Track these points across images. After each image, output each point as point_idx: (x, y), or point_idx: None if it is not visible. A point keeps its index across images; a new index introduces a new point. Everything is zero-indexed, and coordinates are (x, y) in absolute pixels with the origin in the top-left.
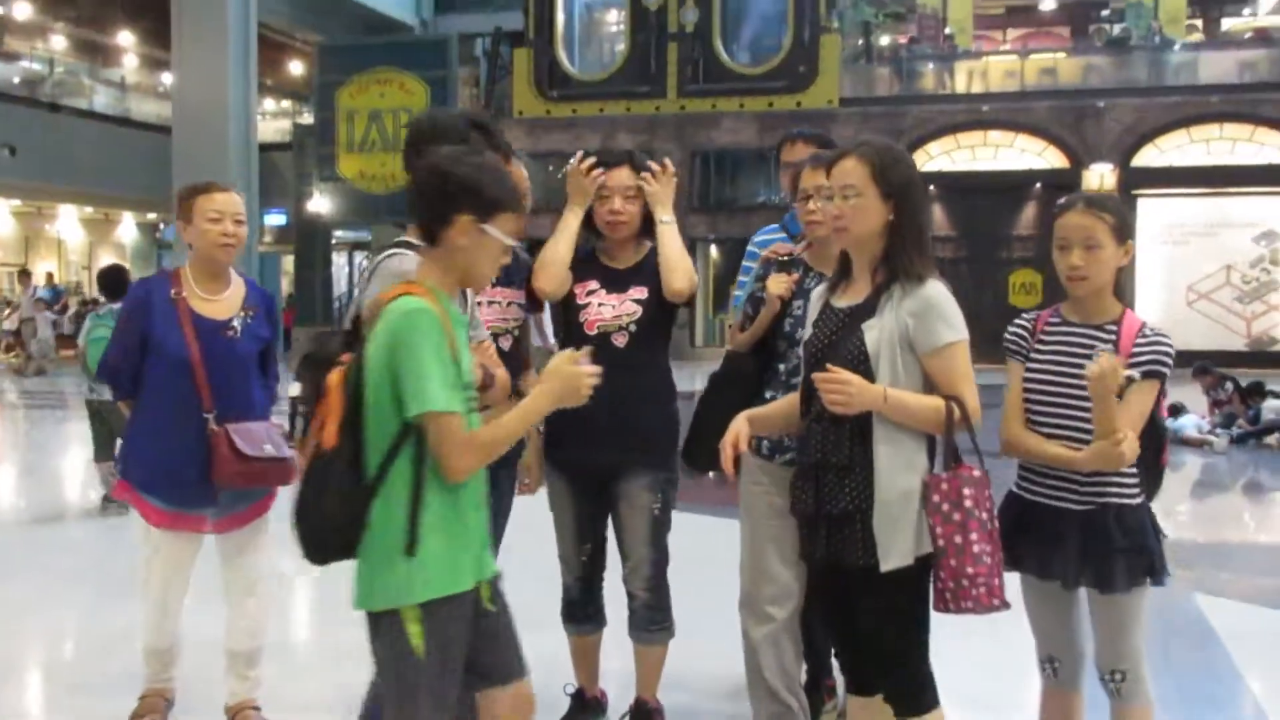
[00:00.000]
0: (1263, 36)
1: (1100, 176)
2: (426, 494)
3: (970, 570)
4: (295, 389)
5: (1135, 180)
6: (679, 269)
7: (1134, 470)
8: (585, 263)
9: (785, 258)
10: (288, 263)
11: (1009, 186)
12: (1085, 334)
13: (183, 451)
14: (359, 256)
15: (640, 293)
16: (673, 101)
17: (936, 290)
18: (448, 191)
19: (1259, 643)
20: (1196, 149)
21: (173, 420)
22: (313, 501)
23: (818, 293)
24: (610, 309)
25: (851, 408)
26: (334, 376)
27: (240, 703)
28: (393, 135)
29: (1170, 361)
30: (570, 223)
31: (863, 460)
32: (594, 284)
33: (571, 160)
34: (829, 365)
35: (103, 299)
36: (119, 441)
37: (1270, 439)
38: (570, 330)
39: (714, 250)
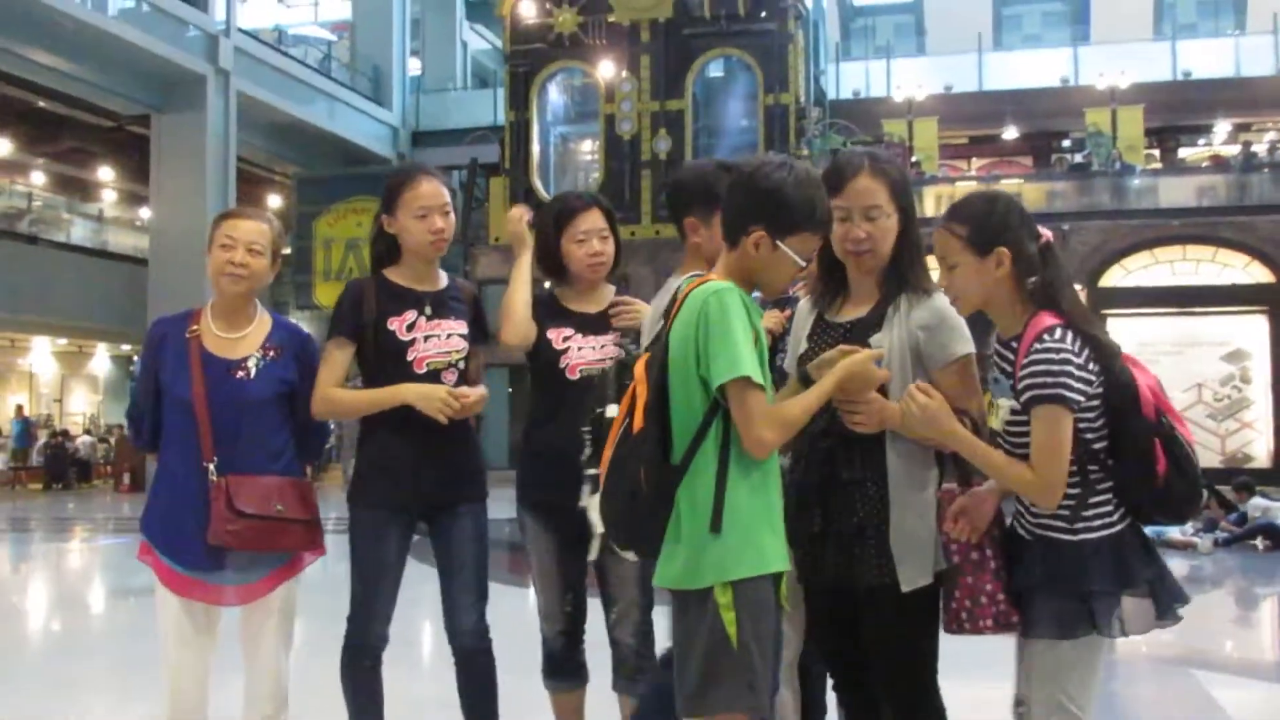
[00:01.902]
0: (1219, 163)
1: None
2: (733, 473)
3: (989, 587)
4: (612, 410)
5: (1104, 300)
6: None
7: (1070, 498)
8: (551, 308)
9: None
10: None
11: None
12: (999, 354)
13: (187, 506)
14: None
15: (620, 337)
16: (647, 227)
17: (945, 302)
18: (749, 204)
19: (1266, 713)
20: (1162, 269)
21: (179, 470)
22: (622, 484)
23: (804, 308)
24: (592, 351)
25: (872, 427)
26: (639, 365)
27: None
28: (370, 263)
29: (1062, 376)
30: (522, 271)
31: (875, 475)
32: (568, 330)
33: (510, 211)
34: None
35: None
36: None
37: (1255, 541)
38: (551, 375)
39: None
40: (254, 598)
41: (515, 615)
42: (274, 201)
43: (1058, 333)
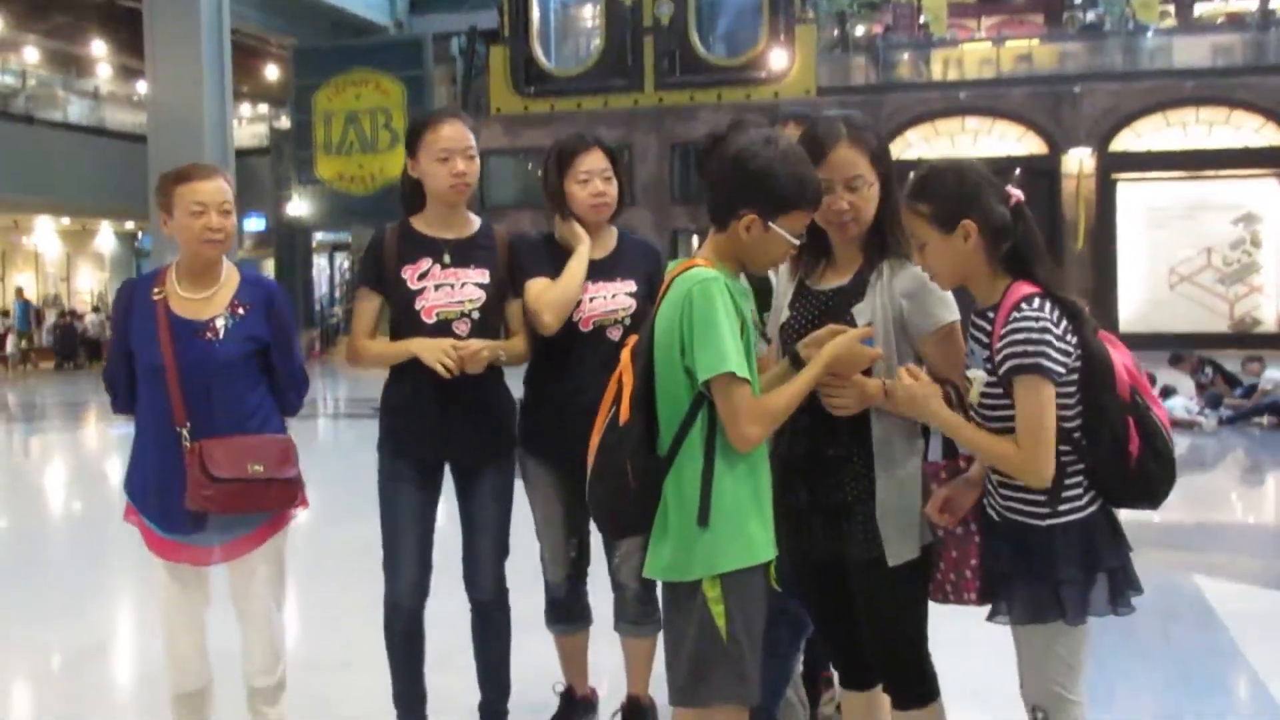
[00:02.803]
0: (1235, 21)
1: (1079, 161)
2: (719, 465)
3: (974, 561)
4: None
5: (1114, 164)
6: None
7: (1044, 496)
8: (554, 255)
9: None
10: (268, 267)
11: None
12: (976, 324)
13: (166, 471)
14: (340, 258)
15: (629, 286)
16: (650, 95)
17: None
18: (738, 185)
19: (1259, 623)
20: (1174, 133)
21: (155, 436)
22: (608, 476)
23: (784, 273)
24: (602, 301)
25: (854, 409)
26: (625, 353)
27: None
28: (370, 136)
29: (1043, 345)
30: (582, 262)
31: (860, 450)
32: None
33: (560, 230)
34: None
35: None
36: None
37: (1260, 419)
38: (563, 326)
39: (695, 240)
40: (239, 554)
41: (518, 557)
42: (272, 74)
43: (1036, 301)
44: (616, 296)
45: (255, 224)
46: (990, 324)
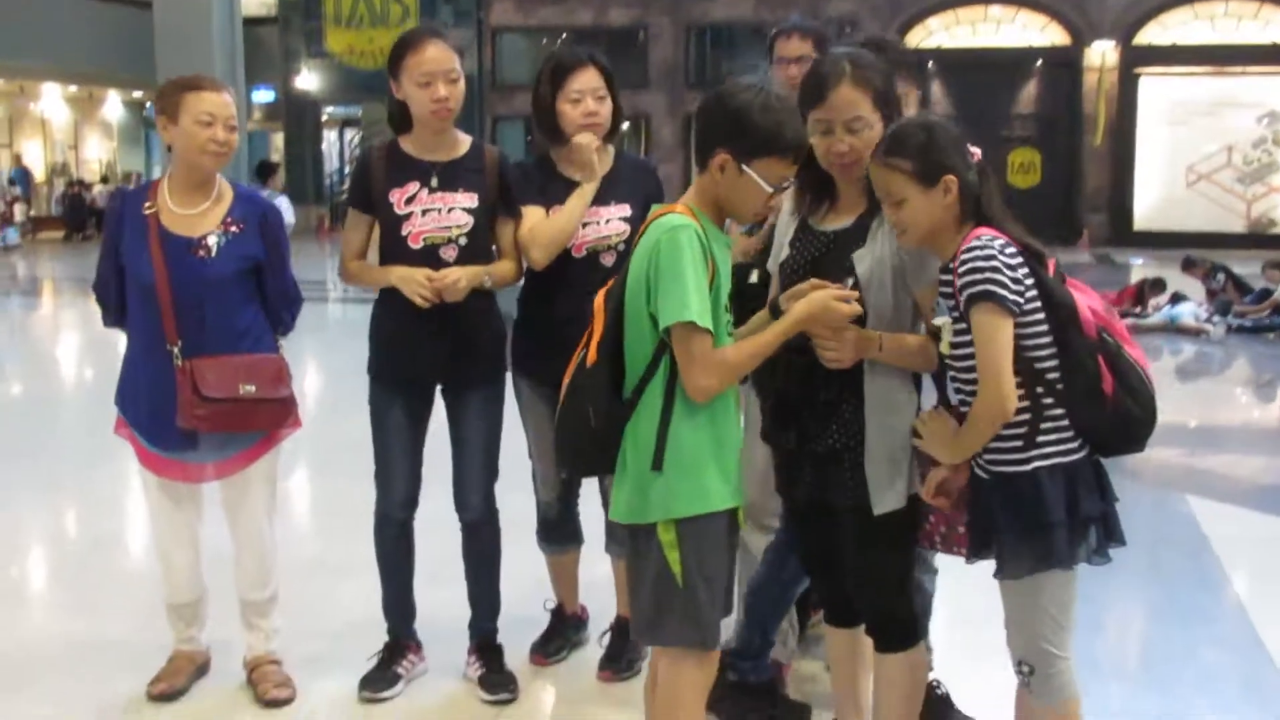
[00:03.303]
0: None
1: (1102, 54)
2: (677, 412)
3: (967, 519)
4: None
5: (1137, 58)
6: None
7: (1020, 424)
8: (547, 179)
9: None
10: (277, 140)
11: (1009, 63)
12: (942, 281)
13: (158, 389)
14: (350, 133)
15: (624, 210)
16: None
17: None
18: (715, 125)
19: (1250, 550)
20: (1201, 26)
21: (147, 352)
22: (571, 416)
23: (787, 209)
24: (595, 228)
25: (847, 362)
26: (599, 295)
27: (257, 657)
28: (380, 10)
29: (990, 274)
30: (583, 202)
31: (851, 396)
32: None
33: (577, 137)
34: (823, 280)
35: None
36: None
37: (1271, 322)
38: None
39: None
40: (232, 472)
41: (514, 472)
42: None
43: (985, 236)
44: (610, 222)
45: (264, 96)
46: (951, 274)
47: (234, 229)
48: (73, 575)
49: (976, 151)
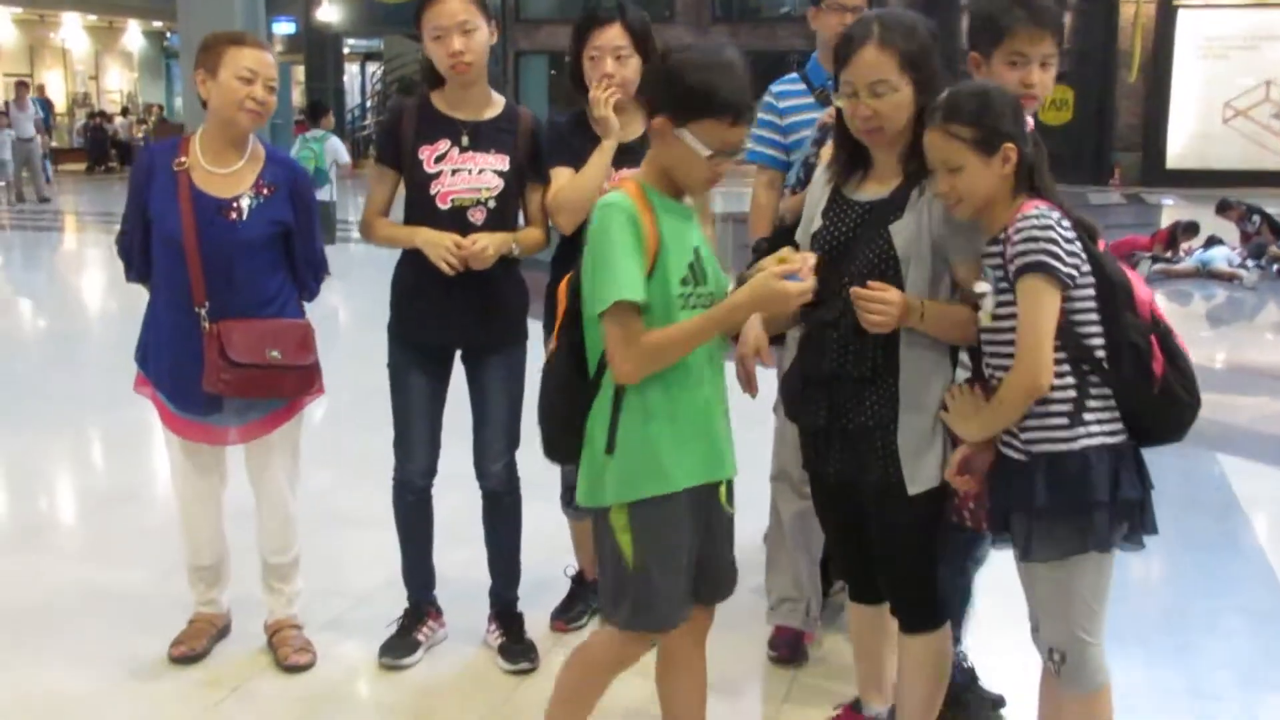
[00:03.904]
0: None
1: None
2: (629, 394)
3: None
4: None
5: None
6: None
7: (1065, 401)
8: (581, 139)
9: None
10: (298, 73)
11: None
12: (989, 253)
13: (182, 350)
14: (371, 67)
15: None
16: None
17: None
18: (652, 86)
19: None
20: None
21: (172, 313)
22: (542, 400)
23: (821, 177)
24: None
25: (890, 327)
26: (563, 282)
27: (278, 621)
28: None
29: (1046, 244)
30: (604, 159)
31: (886, 372)
32: None
33: (594, 91)
34: (869, 283)
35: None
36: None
37: None
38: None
39: None
40: (255, 436)
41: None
42: None
43: (1042, 208)
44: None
45: (285, 28)
46: (1002, 245)
47: (265, 192)
48: (95, 525)
49: (1030, 120)
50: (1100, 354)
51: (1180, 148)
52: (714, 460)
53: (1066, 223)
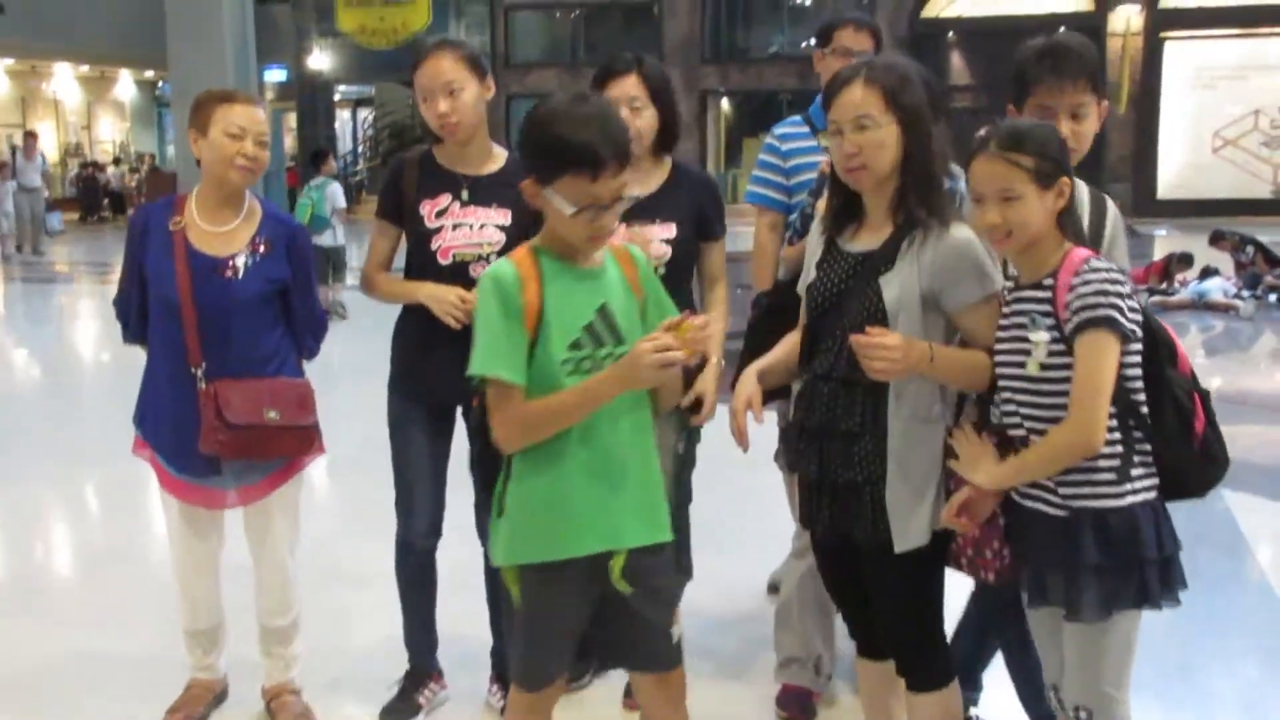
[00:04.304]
0: None
1: (1127, 19)
2: (516, 459)
3: (995, 543)
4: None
5: (1163, 22)
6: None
7: (1113, 456)
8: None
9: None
10: (290, 120)
11: (1032, 30)
12: (1027, 298)
13: (180, 411)
14: (363, 113)
15: (668, 230)
16: None
17: (963, 236)
18: (521, 144)
19: None
20: None
21: (169, 373)
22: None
23: (817, 228)
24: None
25: (897, 374)
26: None
27: (277, 686)
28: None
29: (1116, 299)
30: None
31: (874, 427)
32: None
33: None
34: (867, 329)
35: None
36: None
37: None
38: None
39: (725, 103)
40: (255, 499)
41: None
42: None
43: (1101, 261)
44: (652, 243)
45: (276, 75)
46: (1050, 290)
47: (262, 249)
48: (91, 587)
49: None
50: (1144, 409)
51: (1171, 178)
52: (607, 530)
53: (1121, 276)
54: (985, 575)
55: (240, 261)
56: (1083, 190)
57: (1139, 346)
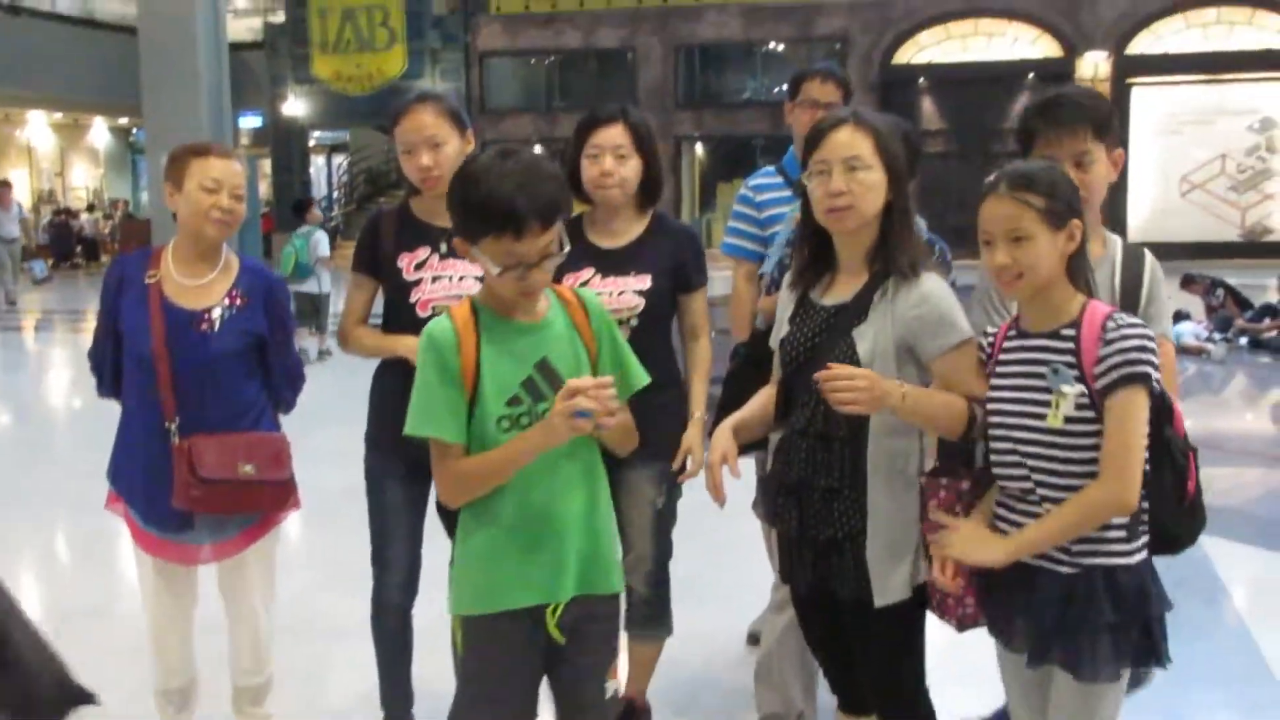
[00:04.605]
0: None
1: (1095, 65)
2: (464, 512)
3: (969, 599)
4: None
5: (1131, 68)
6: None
7: (1126, 519)
8: (572, 242)
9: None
10: (265, 166)
11: (1002, 77)
12: (1041, 347)
13: (154, 466)
14: (338, 158)
15: (642, 282)
16: None
17: (935, 286)
18: (448, 202)
19: (1273, 596)
20: (1193, 34)
21: (142, 428)
22: None
23: (788, 282)
24: (607, 299)
25: (864, 407)
26: None
27: None
28: (368, 34)
29: (1151, 356)
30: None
31: (853, 482)
32: (587, 272)
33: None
34: (829, 365)
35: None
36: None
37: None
38: None
39: (699, 148)
40: (229, 555)
41: None
42: None
43: (1127, 316)
44: (624, 294)
45: (251, 122)
46: (1073, 342)
47: (239, 302)
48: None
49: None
50: (1147, 467)
51: (1140, 221)
52: (539, 585)
53: None
54: (947, 619)
55: (217, 314)
56: (1115, 244)
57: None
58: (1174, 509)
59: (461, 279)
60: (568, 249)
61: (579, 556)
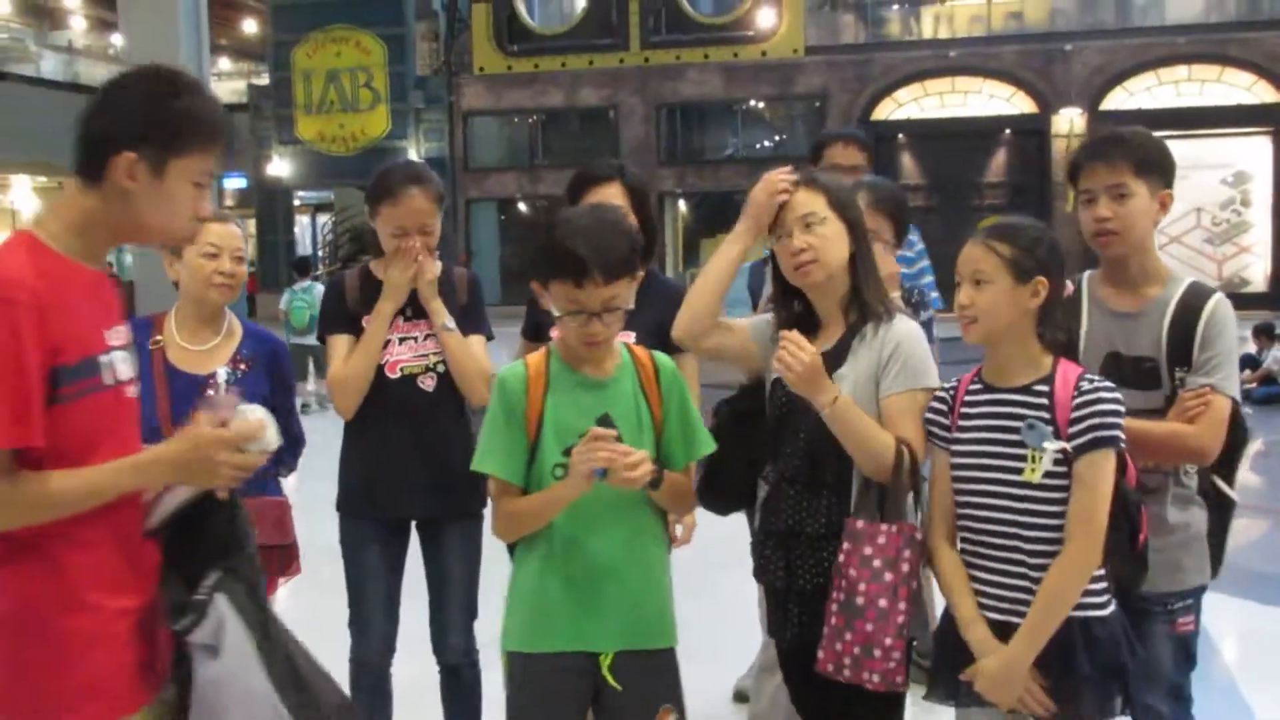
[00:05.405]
0: None
1: (1070, 121)
2: (520, 548)
3: (888, 641)
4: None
5: (1105, 124)
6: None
7: (1101, 567)
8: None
9: None
10: (249, 226)
11: (978, 133)
12: (1010, 401)
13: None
14: (322, 218)
15: (627, 338)
16: (636, 54)
17: (908, 329)
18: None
19: (1258, 649)
20: (1165, 91)
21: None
22: None
23: (773, 336)
24: None
25: (793, 380)
26: None
27: None
28: (351, 96)
29: (1120, 419)
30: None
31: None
32: None
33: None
34: (784, 333)
35: (297, 278)
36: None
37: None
38: None
39: (682, 204)
40: None
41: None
42: (250, 28)
43: (1098, 378)
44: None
45: (236, 183)
46: (1047, 397)
47: (243, 366)
48: None
49: (1070, 286)
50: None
51: None
52: (576, 633)
53: None
54: (867, 678)
55: (221, 379)
56: (1177, 287)
57: None
58: (1125, 560)
59: (426, 338)
60: (631, 306)
61: (624, 610)
